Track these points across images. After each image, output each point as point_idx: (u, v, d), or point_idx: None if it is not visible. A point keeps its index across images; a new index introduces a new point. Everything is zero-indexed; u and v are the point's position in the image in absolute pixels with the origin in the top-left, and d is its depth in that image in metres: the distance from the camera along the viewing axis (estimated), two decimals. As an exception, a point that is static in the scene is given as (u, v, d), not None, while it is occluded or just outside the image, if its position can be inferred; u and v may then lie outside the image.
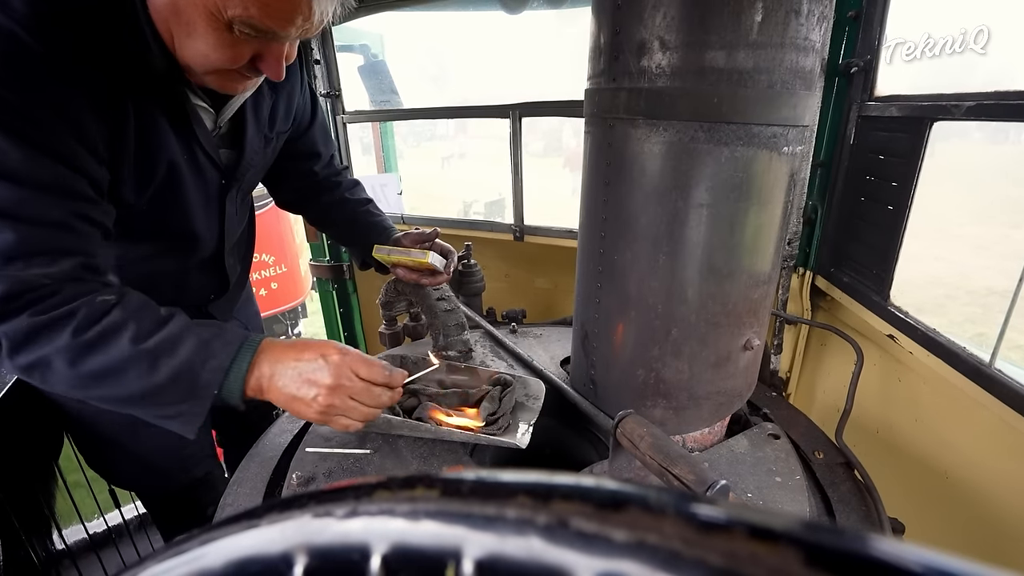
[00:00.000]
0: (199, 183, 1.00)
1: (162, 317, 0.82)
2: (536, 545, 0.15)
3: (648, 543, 0.13)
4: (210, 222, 1.08)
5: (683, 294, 0.93)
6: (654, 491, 0.15)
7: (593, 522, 0.15)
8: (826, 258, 1.39)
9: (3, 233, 0.72)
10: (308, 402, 0.84)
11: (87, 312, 0.76)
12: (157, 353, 0.78)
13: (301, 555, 0.20)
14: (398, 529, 0.18)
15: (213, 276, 1.21)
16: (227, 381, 0.82)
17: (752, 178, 0.86)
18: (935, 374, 1.07)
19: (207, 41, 0.77)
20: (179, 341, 0.80)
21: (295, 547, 0.20)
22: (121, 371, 0.77)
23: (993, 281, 6.66)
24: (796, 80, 0.83)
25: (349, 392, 0.84)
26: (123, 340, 0.76)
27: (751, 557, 0.12)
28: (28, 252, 0.74)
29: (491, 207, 10.05)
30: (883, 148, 1.15)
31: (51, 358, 0.75)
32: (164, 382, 0.78)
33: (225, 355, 0.82)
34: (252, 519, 0.23)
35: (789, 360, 1.58)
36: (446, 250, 1.28)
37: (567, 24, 14.61)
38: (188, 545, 0.24)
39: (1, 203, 0.72)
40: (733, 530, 0.12)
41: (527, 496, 0.17)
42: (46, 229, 0.75)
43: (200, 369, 0.80)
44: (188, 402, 0.81)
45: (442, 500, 0.18)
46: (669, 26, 0.80)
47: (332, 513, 0.20)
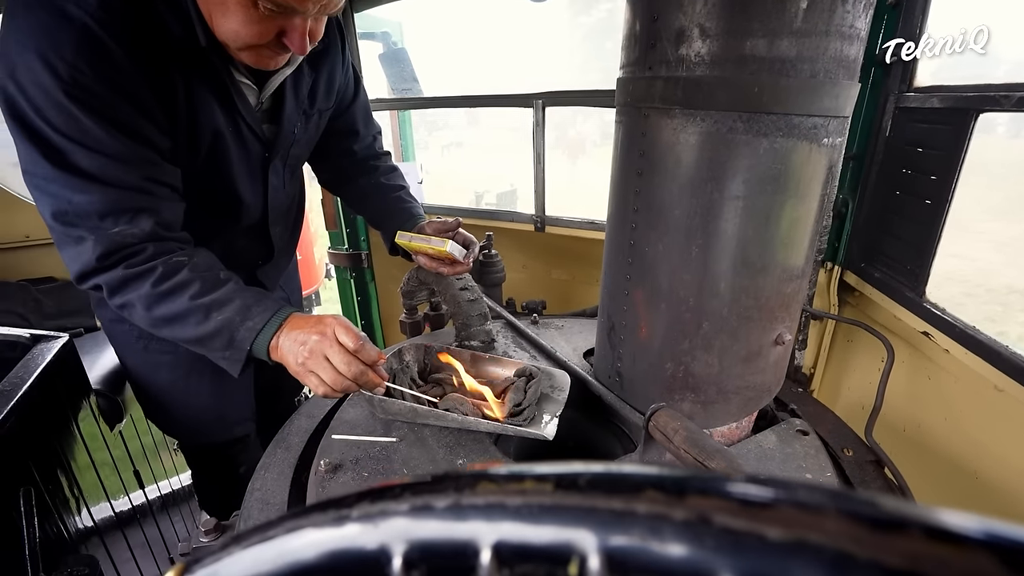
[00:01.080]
0: (243, 154, 1.12)
1: (220, 279, 0.99)
2: (674, 543, 0.15)
3: (811, 542, 0.13)
4: (255, 190, 1.19)
5: (715, 287, 0.92)
6: (803, 487, 0.14)
7: (741, 519, 0.14)
8: (856, 253, 1.36)
9: (94, 195, 0.89)
10: (295, 355, 0.94)
11: (163, 269, 0.94)
12: (210, 308, 0.95)
13: (400, 548, 0.19)
14: (510, 522, 0.18)
15: (260, 243, 1.32)
16: (256, 340, 0.97)
17: (791, 170, 0.85)
18: (971, 373, 1.05)
19: (237, 18, 0.87)
20: (227, 302, 0.97)
21: (393, 540, 0.19)
22: (183, 318, 0.95)
23: (1014, 279, 6.53)
24: (840, 69, 0.81)
25: (325, 351, 0.92)
26: (186, 295, 0.94)
27: (937, 560, 0.11)
28: (115, 211, 0.91)
29: (502, 197, 10.02)
30: (922, 140, 1.12)
31: (135, 302, 0.95)
32: (212, 332, 0.96)
33: (260, 319, 0.97)
34: (341, 508, 0.23)
35: (814, 356, 1.56)
36: (468, 240, 1.29)
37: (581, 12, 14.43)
38: (273, 532, 0.24)
39: (89, 170, 0.88)
40: (910, 530, 0.12)
41: (656, 491, 0.16)
42: (126, 191, 0.92)
43: (239, 327, 0.96)
44: (229, 350, 0.98)
45: (558, 494, 0.18)
46: (710, 13, 0.78)
47: (432, 505, 0.20)
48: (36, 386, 1.19)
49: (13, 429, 1.08)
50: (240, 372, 1.01)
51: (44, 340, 1.39)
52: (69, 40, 0.82)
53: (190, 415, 1.45)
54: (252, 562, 0.23)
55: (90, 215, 0.90)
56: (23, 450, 1.12)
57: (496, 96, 1.84)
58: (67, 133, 0.85)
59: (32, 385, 1.18)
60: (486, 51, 19.74)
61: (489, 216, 2.06)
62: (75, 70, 0.82)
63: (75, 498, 1.29)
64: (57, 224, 0.91)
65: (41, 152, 0.86)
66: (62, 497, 1.23)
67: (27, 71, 0.83)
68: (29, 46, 0.82)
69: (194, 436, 1.52)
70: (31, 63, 0.82)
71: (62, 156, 0.87)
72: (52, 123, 0.85)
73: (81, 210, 0.90)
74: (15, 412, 1.10)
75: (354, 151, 1.43)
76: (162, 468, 2.01)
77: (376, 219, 1.45)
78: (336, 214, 2.46)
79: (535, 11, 20.81)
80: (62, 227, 0.91)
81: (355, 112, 1.40)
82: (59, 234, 0.93)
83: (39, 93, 0.83)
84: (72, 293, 2.03)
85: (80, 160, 0.87)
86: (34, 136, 0.86)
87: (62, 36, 0.82)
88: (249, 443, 1.58)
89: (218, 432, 1.49)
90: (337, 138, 1.39)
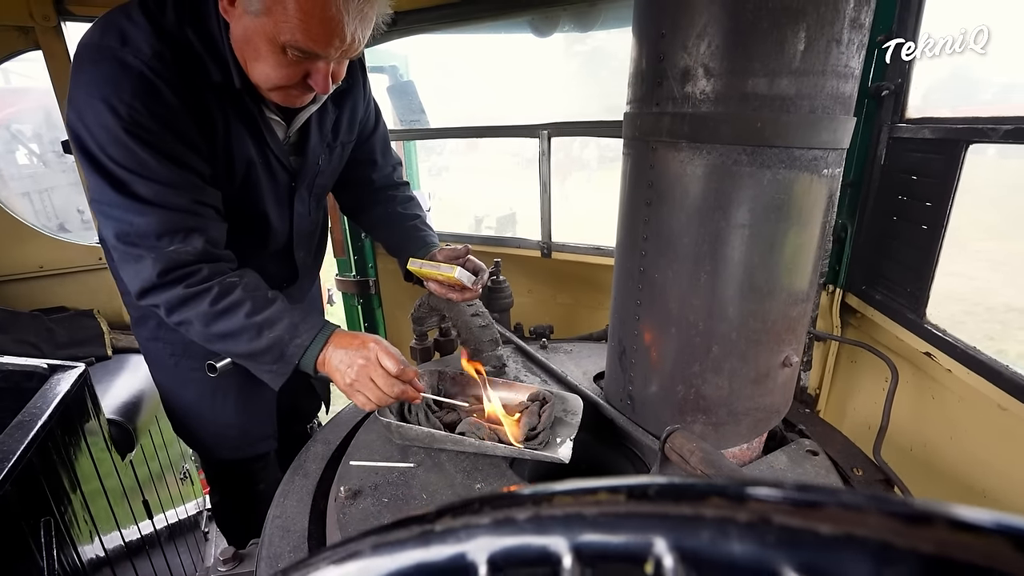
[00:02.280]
0: (272, 182, 1.22)
1: (268, 299, 1.09)
2: (739, 542, 0.17)
3: (857, 535, 0.16)
4: (282, 216, 1.30)
5: (724, 312, 0.95)
6: (844, 491, 0.17)
7: (796, 518, 0.17)
8: (857, 276, 1.40)
9: (150, 217, 1.00)
10: (343, 375, 1.05)
11: (219, 289, 1.04)
12: (262, 327, 1.05)
13: (483, 556, 0.22)
14: (589, 530, 0.21)
15: (286, 266, 1.42)
16: (305, 355, 1.07)
17: (793, 199, 0.89)
18: (975, 392, 1.07)
19: (268, 63, 0.99)
20: (278, 320, 1.06)
21: (478, 550, 0.22)
22: (237, 335, 1.05)
23: (1012, 298, 6.57)
24: (836, 105, 0.86)
25: (370, 374, 1.03)
26: (240, 313, 1.04)
27: (961, 546, 0.14)
28: (170, 231, 1.02)
29: (502, 221, 10.13)
30: (916, 169, 1.18)
31: (193, 320, 1.04)
32: (263, 348, 1.05)
33: (307, 336, 1.07)
34: (424, 523, 0.25)
35: (819, 377, 1.58)
36: (477, 267, 1.34)
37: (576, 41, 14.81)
38: (357, 548, 0.26)
39: (146, 195, 1.00)
40: (937, 523, 0.15)
41: (720, 498, 0.19)
42: (178, 213, 1.03)
43: (289, 343, 1.06)
44: (277, 364, 1.07)
45: (631, 503, 0.21)
46: (713, 54, 0.83)
47: (513, 518, 0.23)
48: (55, 416, 1.21)
49: (34, 459, 1.09)
50: (280, 385, 1.10)
51: (61, 370, 1.41)
52: (128, 85, 0.95)
53: (215, 430, 1.52)
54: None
55: (148, 235, 1.01)
56: (43, 480, 1.13)
57: (504, 127, 1.91)
58: (127, 165, 0.98)
59: (51, 415, 1.20)
60: (488, 80, 20.41)
61: (496, 243, 2.11)
62: (132, 109, 0.95)
63: (89, 528, 1.30)
64: (120, 244, 1.03)
65: (107, 182, 0.99)
66: (77, 528, 1.24)
67: (93, 114, 0.96)
68: (95, 93, 0.95)
69: (218, 451, 1.58)
70: (97, 107, 0.95)
71: (124, 185, 0.99)
72: (114, 158, 0.98)
73: (141, 231, 1.01)
74: (36, 442, 1.11)
75: (373, 180, 1.51)
76: (168, 497, 2.01)
77: (392, 246, 1.52)
78: (344, 241, 2.51)
79: (535, 44, 21.37)
80: (125, 247, 1.03)
81: (374, 143, 1.49)
82: (121, 253, 1.04)
83: (103, 132, 0.96)
84: (83, 323, 2.06)
85: (138, 188, 0.99)
86: (100, 169, 0.99)
87: (123, 83, 0.95)
88: (269, 461, 1.65)
89: (241, 448, 1.55)
90: (357, 167, 1.48)
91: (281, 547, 0.93)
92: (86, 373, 1.43)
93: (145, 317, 1.43)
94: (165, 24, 0.99)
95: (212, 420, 1.50)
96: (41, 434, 1.14)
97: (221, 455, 1.59)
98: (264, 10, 0.92)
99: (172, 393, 1.52)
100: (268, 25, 0.93)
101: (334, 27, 0.93)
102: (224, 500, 1.78)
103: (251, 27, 0.96)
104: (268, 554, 0.93)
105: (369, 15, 0.98)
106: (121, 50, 0.96)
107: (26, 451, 1.08)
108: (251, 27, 0.96)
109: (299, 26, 0.92)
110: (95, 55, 0.97)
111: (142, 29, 0.97)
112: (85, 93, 0.96)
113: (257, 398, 1.49)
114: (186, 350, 1.41)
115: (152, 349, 1.47)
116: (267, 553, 0.93)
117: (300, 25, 0.92)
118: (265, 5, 0.92)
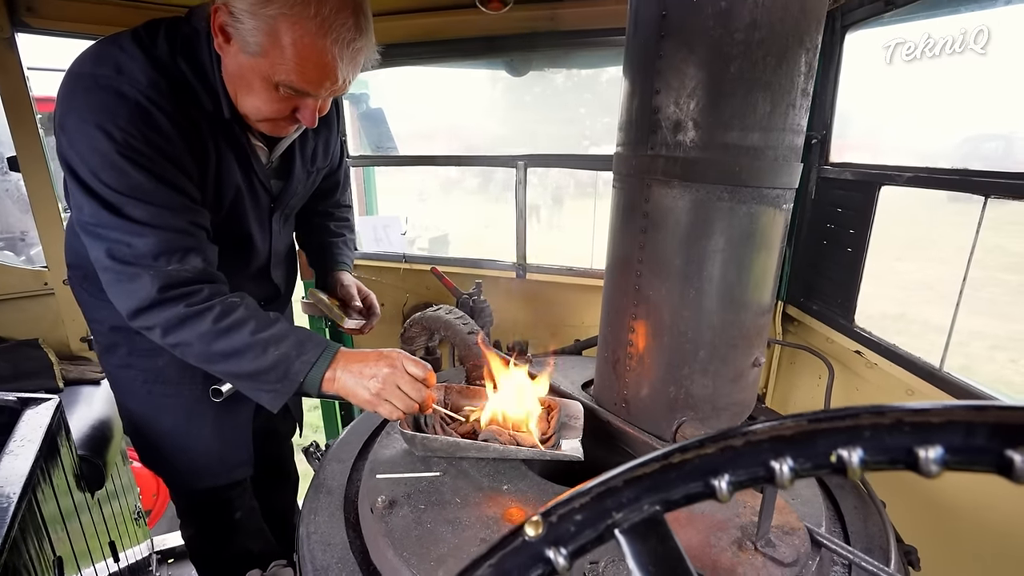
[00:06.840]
0: (255, 205, 1.27)
1: (271, 318, 1.10)
2: (888, 436, 0.32)
3: (955, 419, 0.30)
4: (263, 236, 1.35)
5: (710, 321, 1.13)
6: (931, 403, 0.32)
7: (916, 417, 0.32)
8: (796, 290, 1.67)
9: (148, 238, 1.02)
10: (366, 388, 1.05)
11: (221, 308, 1.05)
12: (267, 344, 1.05)
13: (727, 471, 0.35)
14: (789, 448, 0.34)
15: (265, 285, 1.47)
16: (311, 373, 1.06)
17: (761, 229, 1.09)
18: (891, 380, 1.33)
19: (260, 98, 1.05)
20: (284, 338, 1.07)
21: (719, 466, 0.35)
22: (241, 353, 1.04)
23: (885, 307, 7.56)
24: (792, 154, 1.08)
25: (397, 381, 1.05)
26: (246, 330, 1.04)
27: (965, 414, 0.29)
28: (167, 251, 1.03)
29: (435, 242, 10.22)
30: (840, 203, 1.45)
31: (192, 339, 1.04)
32: (268, 366, 1.05)
33: (313, 354, 1.07)
34: (669, 458, 0.37)
35: (764, 377, 1.83)
36: (372, 309, 1.57)
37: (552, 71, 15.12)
38: (612, 483, 0.38)
39: (142, 217, 1.01)
40: (990, 409, 0.30)
41: (869, 414, 0.33)
42: (175, 234, 1.05)
43: (295, 360, 1.06)
44: (282, 383, 1.07)
45: (811, 424, 0.34)
46: (701, 111, 1.02)
47: (733, 445, 0.35)
48: (43, 452, 1.15)
49: (34, 498, 1.04)
50: (279, 407, 1.11)
51: (33, 404, 1.33)
52: (124, 112, 0.98)
53: (190, 458, 1.47)
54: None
55: (146, 256, 1.02)
56: (43, 518, 1.08)
57: (480, 156, 2.04)
58: (119, 189, 1.00)
59: (40, 450, 1.14)
60: (460, 111, 20.19)
61: (473, 265, 2.22)
62: (127, 134, 0.98)
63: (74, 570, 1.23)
64: (114, 263, 1.03)
65: (99, 205, 1.00)
66: (59, 571, 1.17)
67: (86, 140, 0.98)
68: (88, 120, 0.97)
69: (193, 479, 1.52)
70: (90, 133, 0.97)
71: (118, 208, 1.01)
72: (106, 182, 0.99)
73: (138, 252, 1.02)
74: (30, 481, 1.06)
75: (326, 204, 1.65)
76: (129, 538, 1.88)
77: (310, 259, 1.66)
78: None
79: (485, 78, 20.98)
80: (120, 265, 1.03)
81: (338, 176, 1.63)
82: (114, 273, 1.04)
83: (95, 157, 0.98)
84: (28, 353, 1.90)
85: (134, 210, 1.01)
86: (91, 193, 1.00)
87: (118, 110, 0.98)
88: (246, 487, 1.62)
89: (219, 475, 1.52)
90: (318, 194, 1.59)
91: (326, 559, 0.97)
92: (61, 406, 1.35)
93: (115, 345, 1.40)
94: (158, 55, 1.03)
95: (186, 448, 1.46)
96: (33, 472, 1.09)
97: (197, 484, 1.54)
98: (261, 52, 0.98)
99: (144, 422, 1.47)
100: (264, 65, 0.99)
101: (328, 72, 1.01)
102: (200, 533, 1.70)
103: (246, 64, 1.01)
104: (313, 568, 0.96)
105: (359, 60, 1.05)
106: (117, 79, 0.99)
107: (25, 490, 1.03)
108: (246, 64, 1.01)
109: (295, 69, 0.99)
110: (89, 83, 0.99)
111: (137, 60, 1.01)
112: (77, 118, 0.98)
113: (232, 423, 1.48)
114: (159, 376, 1.39)
115: (123, 377, 1.43)
116: (311, 568, 0.97)
117: (296, 68, 0.99)
118: (263, 48, 0.97)
